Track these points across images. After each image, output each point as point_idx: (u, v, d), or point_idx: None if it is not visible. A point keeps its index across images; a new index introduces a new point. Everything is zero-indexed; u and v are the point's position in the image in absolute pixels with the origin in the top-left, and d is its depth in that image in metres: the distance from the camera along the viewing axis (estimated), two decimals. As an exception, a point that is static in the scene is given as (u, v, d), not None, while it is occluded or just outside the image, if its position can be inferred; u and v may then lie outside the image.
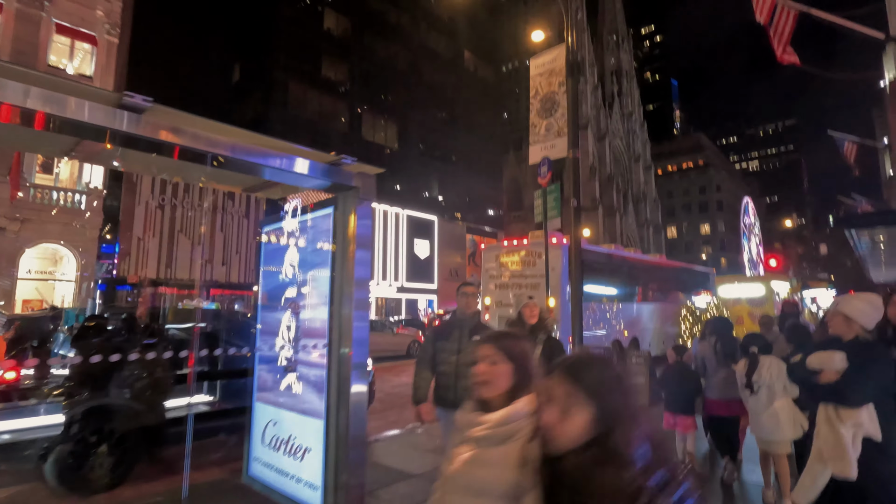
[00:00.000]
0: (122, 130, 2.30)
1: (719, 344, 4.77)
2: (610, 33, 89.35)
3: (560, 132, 8.58)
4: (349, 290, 2.96)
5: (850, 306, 2.85)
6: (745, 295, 12.88)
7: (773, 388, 4.08)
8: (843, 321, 2.85)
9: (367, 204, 3.07)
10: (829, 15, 16.73)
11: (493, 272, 11.54)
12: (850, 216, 10.35)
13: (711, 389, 4.84)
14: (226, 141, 2.49)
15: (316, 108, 30.60)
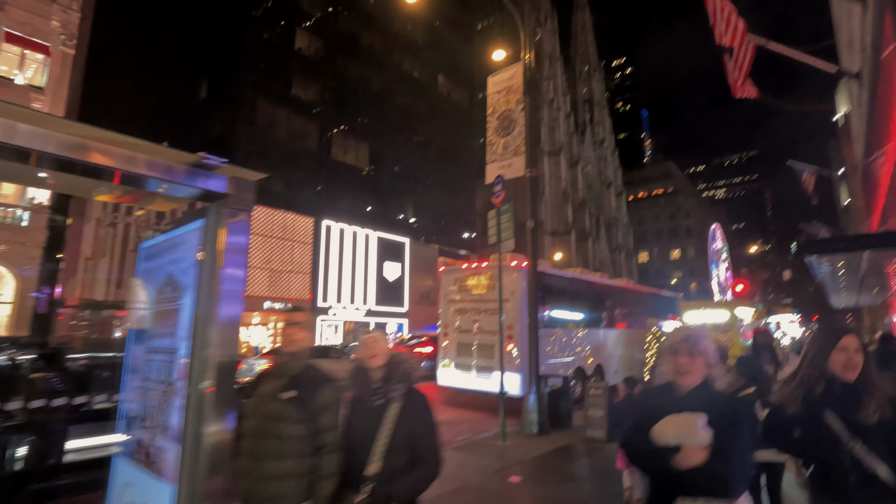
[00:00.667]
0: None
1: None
2: (582, 64, 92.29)
3: (517, 150, 8.26)
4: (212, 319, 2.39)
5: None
6: (710, 321, 12.68)
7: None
8: (687, 360, 1.95)
9: (242, 216, 2.52)
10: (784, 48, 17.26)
11: (452, 296, 11.04)
12: (807, 243, 10.28)
13: None
14: (26, 128, 1.93)
15: (285, 128, 30.05)
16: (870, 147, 21.75)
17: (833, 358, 2.08)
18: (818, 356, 2.13)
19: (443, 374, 10.78)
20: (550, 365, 10.49)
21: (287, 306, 28.20)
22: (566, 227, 68.54)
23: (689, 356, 1.95)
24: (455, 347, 10.65)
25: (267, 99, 29.00)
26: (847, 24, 21.65)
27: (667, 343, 2.12)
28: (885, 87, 15.17)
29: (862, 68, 18.83)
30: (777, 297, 77.28)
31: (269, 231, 27.73)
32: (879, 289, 19.97)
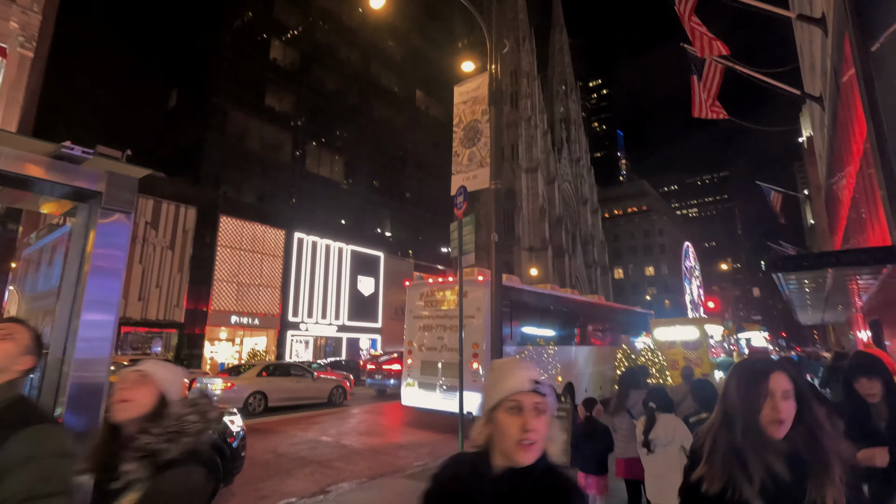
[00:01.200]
0: None
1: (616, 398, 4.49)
2: (559, 84, 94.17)
3: (482, 162, 8.01)
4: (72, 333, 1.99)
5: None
6: (680, 338, 12.58)
7: (669, 450, 3.62)
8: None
9: (118, 217, 2.13)
10: (751, 71, 17.68)
11: (418, 312, 10.65)
12: (774, 260, 10.28)
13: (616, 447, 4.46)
14: None
15: (258, 138, 29.44)
16: (832, 169, 22.38)
17: (760, 408, 1.40)
18: (737, 406, 1.45)
19: (407, 393, 10.32)
20: None
21: (254, 321, 27.32)
22: (543, 243, 69.01)
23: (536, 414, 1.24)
24: (420, 366, 10.23)
25: (239, 109, 28.41)
26: (809, 49, 22.41)
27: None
28: (846, 110, 15.59)
29: (823, 92, 19.40)
30: (747, 313, 79.02)
31: (238, 243, 26.91)
32: (843, 307, 20.38)
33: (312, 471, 6.64)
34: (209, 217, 25.54)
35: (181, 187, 25.00)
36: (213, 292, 25.52)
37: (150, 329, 23.37)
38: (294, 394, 12.52)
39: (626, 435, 4.35)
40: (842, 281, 13.42)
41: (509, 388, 1.24)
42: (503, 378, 1.27)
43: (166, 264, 23.88)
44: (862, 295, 16.61)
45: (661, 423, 3.77)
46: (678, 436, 3.67)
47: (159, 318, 23.44)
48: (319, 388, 13.11)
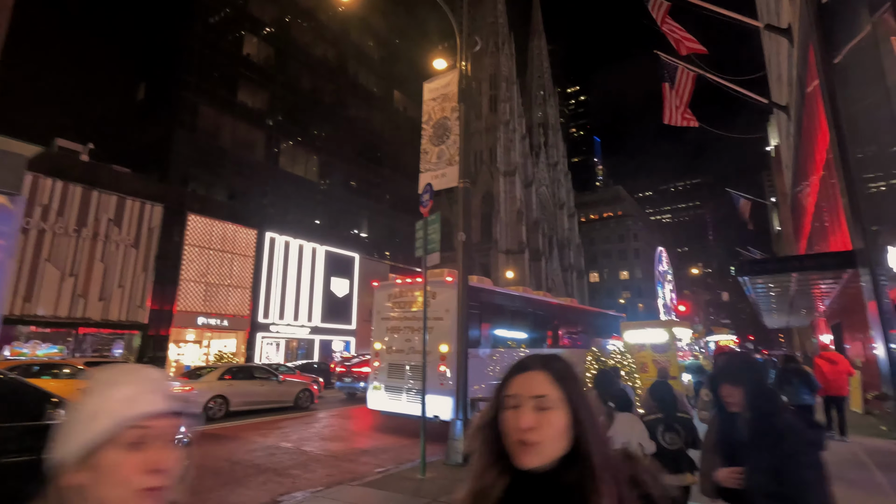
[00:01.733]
0: None
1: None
2: (538, 89, 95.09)
3: (451, 160, 7.84)
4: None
5: None
6: (650, 341, 12.63)
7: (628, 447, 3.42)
8: None
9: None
10: (720, 79, 18.00)
11: (385, 313, 10.39)
12: (740, 264, 10.40)
13: None
14: None
15: (229, 135, 28.69)
16: (797, 177, 22.97)
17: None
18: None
19: (373, 396, 10.04)
20: (488, 387, 10.00)
21: (223, 322, 26.55)
22: (520, 246, 69.36)
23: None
24: (387, 368, 9.97)
25: (210, 104, 27.65)
26: (777, 60, 23.00)
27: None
28: (810, 120, 15.97)
29: (790, 101, 19.88)
30: (717, 317, 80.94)
31: (207, 242, 26.12)
32: (807, 311, 20.93)
33: (266, 479, 6.33)
34: (176, 215, 24.72)
35: (147, 184, 24.15)
36: (180, 292, 24.69)
37: (111, 330, 22.45)
38: (258, 398, 12.09)
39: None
40: (805, 286, 13.72)
41: (128, 412, 0.83)
42: (116, 395, 0.85)
43: (129, 263, 22.98)
44: (824, 300, 17.06)
45: (619, 422, 3.88)
46: (635, 434, 3.76)
47: (121, 318, 22.53)
48: (285, 391, 12.70)
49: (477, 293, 10.14)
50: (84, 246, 21.46)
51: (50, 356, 16.75)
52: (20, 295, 19.51)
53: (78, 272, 21.18)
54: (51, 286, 20.35)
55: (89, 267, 21.56)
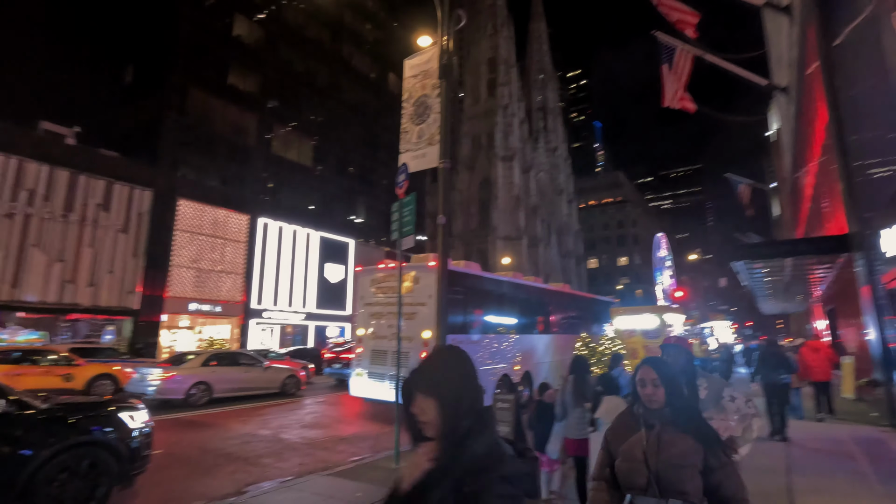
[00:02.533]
0: None
1: (572, 384, 4.77)
2: (537, 72, 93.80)
3: (431, 140, 7.54)
4: None
5: None
6: (640, 327, 12.43)
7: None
8: None
9: None
10: (719, 60, 17.54)
11: (368, 299, 10.17)
12: (733, 248, 10.16)
13: (567, 428, 4.76)
14: None
15: (219, 118, 28.18)
16: (797, 162, 22.59)
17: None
18: None
19: (356, 383, 9.87)
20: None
21: (216, 308, 26.39)
22: (518, 232, 69.00)
23: None
24: (369, 355, 9.77)
25: (200, 87, 27.11)
26: (777, 40, 22.45)
27: None
28: (809, 102, 15.57)
29: (790, 83, 19.44)
30: (716, 304, 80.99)
31: (198, 228, 25.84)
32: (803, 296, 20.75)
33: (236, 469, 6.15)
34: (167, 200, 24.40)
35: (136, 168, 23.77)
36: (171, 278, 24.49)
37: (102, 316, 22.28)
38: (242, 384, 11.93)
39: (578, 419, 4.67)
40: (801, 271, 13.48)
41: None
42: None
43: (119, 248, 22.73)
44: (819, 285, 16.85)
45: (604, 405, 4.18)
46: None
47: (111, 304, 22.36)
48: (270, 377, 12.53)
49: (461, 278, 9.90)
50: (72, 231, 21.18)
51: (31, 342, 16.56)
52: (6, 281, 19.29)
53: (66, 257, 20.93)
54: (38, 272, 20.11)
55: (78, 252, 21.31)
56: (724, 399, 3.06)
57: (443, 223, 7.12)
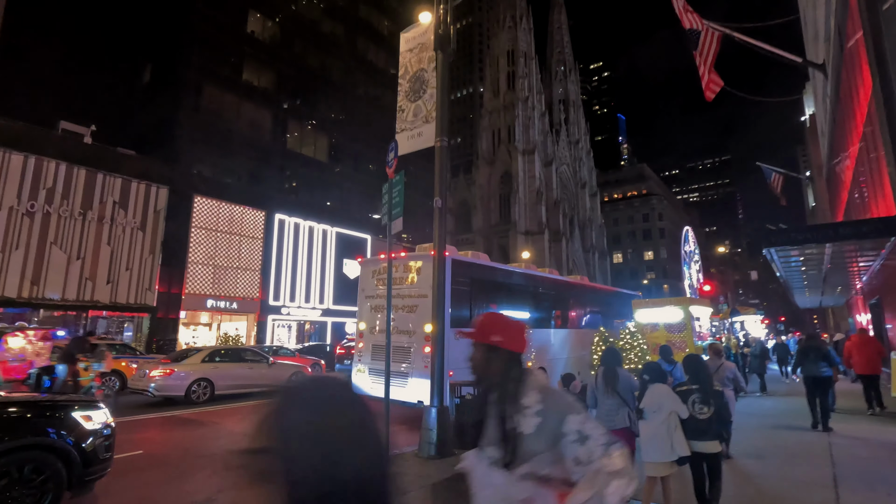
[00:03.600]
0: None
1: (602, 374, 4.74)
2: (558, 64, 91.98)
3: (428, 117, 6.96)
4: None
5: None
6: (663, 320, 11.59)
7: (659, 414, 4.14)
8: None
9: None
10: (750, 39, 16.40)
11: (370, 291, 9.65)
12: (765, 234, 9.25)
13: (599, 419, 4.64)
14: None
15: (234, 115, 28.18)
16: (834, 148, 21.12)
17: None
18: None
19: (357, 380, 9.39)
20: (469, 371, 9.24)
21: (232, 305, 26.43)
22: (540, 226, 67.84)
23: None
24: (370, 350, 9.26)
25: (214, 84, 27.14)
26: (813, 16, 20.97)
27: None
28: (850, 76, 14.34)
29: (826, 59, 18.09)
30: (747, 298, 78.13)
31: (214, 225, 25.89)
32: (843, 288, 19.38)
33: (213, 472, 5.72)
34: (183, 197, 24.50)
35: (152, 165, 23.91)
36: (188, 275, 24.60)
37: (120, 313, 22.50)
38: (245, 381, 11.60)
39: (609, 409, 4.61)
40: (841, 260, 12.40)
41: None
42: None
43: (137, 246, 22.91)
44: (862, 276, 15.61)
45: (652, 391, 4.25)
46: (668, 402, 4.14)
47: (130, 301, 22.56)
48: (276, 374, 12.18)
49: (467, 268, 9.28)
50: (90, 229, 21.40)
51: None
52: (28, 278, 19.58)
53: (85, 255, 21.16)
54: (58, 269, 20.37)
55: (96, 250, 21.52)
56: (568, 437, 1.50)
57: (439, 206, 6.54)
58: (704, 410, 4.09)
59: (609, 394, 4.60)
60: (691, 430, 4.05)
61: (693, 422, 4.07)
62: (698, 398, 4.12)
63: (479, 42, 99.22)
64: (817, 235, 9.61)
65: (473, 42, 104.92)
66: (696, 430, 4.05)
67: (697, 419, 4.08)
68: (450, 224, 77.42)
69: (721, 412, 4.26)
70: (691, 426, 4.06)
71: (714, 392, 4.20)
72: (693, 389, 4.18)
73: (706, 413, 4.08)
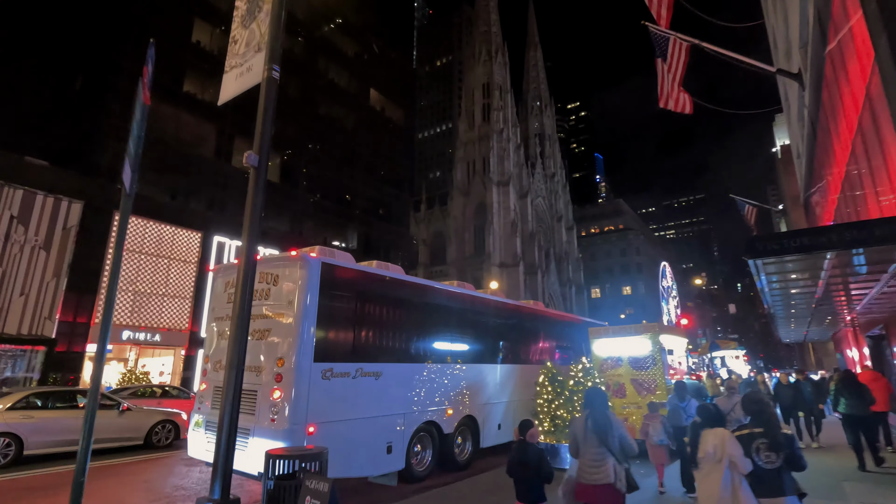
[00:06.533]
0: None
1: (591, 420, 4.12)
2: (534, 100, 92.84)
3: (260, 44, 4.68)
4: None
5: None
6: (627, 353, 9.16)
7: (721, 465, 3.52)
8: None
9: None
10: (720, 50, 14.87)
11: (219, 311, 6.99)
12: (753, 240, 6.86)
13: (580, 470, 4.10)
14: None
15: (173, 128, 25.78)
16: (814, 167, 19.45)
17: None
18: None
19: (192, 439, 6.62)
20: (364, 420, 6.50)
21: (155, 337, 23.17)
22: (514, 259, 65.95)
23: None
24: (212, 394, 6.58)
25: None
26: (783, 30, 19.67)
27: None
28: (835, 72, 12.58)
29: (803, 67, 16.52)
30: (724, 334, 76.66)
31: (139, 246, 22.98)
32: (831, 318, 17.34)
33: None
34: (101, 214, 21.65)
35: (64, 178, 21.12)
36: (101, 302, 21.41)
37: (7, 346, 19.12)
38: (76, 435, 8.70)
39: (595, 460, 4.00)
40: (841, 277, 10.31)
41: None
42: None
43: (37, 268, 19.79)
44: (854, 305, 13.58)
45: (707, 438, 3.70)
46: (727, 451, 3.55)
47: (22, 332, 19.24)
48: (129, 424, 9.27)
49: (348, 278, 6.73)
50: (-25, 247, 18.32)
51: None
52: None
53: (-34, 277, 17.99)
54: (-73, 293, 17.16)
55: (-18, 271, 18.38)
56: None
57: (254, 164, 4.11)
58: (773, 458, 3.49)
59: (595, 443, 4.04)
60: (758, 484, 3.45)
61: (760, 473, 3.49)
62: (764, 444, 3.52)
63: (458, 79, 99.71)
64: (819, 241, 7.41)
65: (453, 79, 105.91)
66: (763, 483, 3.46)
67: (765, 470, 3.50)
68: (424, 256, 75.15)
69: (794, 461, 3.53)
70: (758, 479, 3.47)
71: (784, 436, 3.57)
72: (756, 434, 3.61)
73: (775, 462, 3.49)
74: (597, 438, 3.99)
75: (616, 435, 3.99)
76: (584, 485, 4.00)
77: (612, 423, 4.05)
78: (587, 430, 4.07)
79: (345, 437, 6.12)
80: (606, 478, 3.85)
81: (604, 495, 3.88)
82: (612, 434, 3.98)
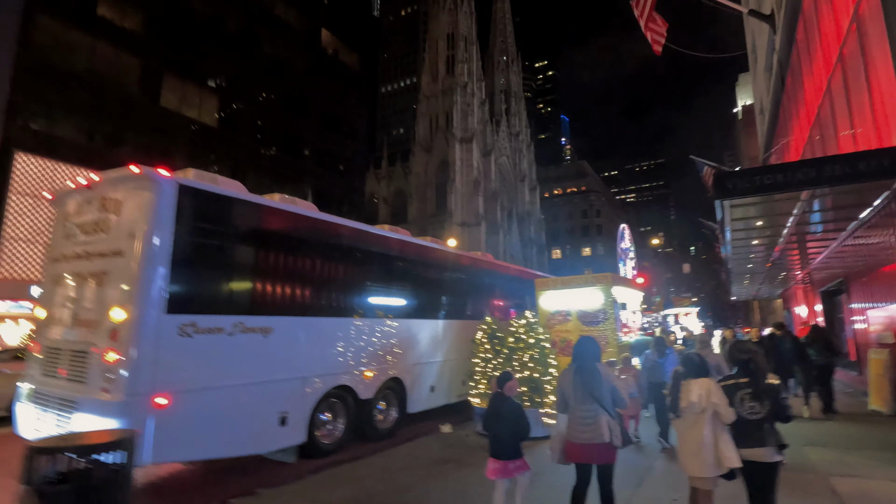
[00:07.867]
0: None
1: (578, 374, 3.86)
2: (501, 54, 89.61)
3: None
4: None
5: None
6: (577, 307, 8.19)
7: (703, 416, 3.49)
8: None
9: None
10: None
11: (56, 250, 5.40)
12: (719, 177, 5.62)
13: (570, 428, 3.87)
14: None
15: (86, 58, 22.53)
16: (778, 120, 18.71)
17: None
18: None
19: (21, 412, 5.17)
20: (222, 392, 5.09)
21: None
22: (476, 217, 64.95)
23: None
24: (43, 356, 5.11)
25: (54, 16, 21.41)
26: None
27: None
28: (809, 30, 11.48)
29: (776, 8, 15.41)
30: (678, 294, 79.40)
31: (45, 191, 20.28)
32: (785, 275, 17.14)
33: None
34: (-3, 153, 18.83)
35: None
36: (3, 255, 18.95)
37: None
38: None
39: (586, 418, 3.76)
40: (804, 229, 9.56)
41: None
42: None
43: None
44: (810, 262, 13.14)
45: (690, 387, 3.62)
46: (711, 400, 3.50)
47: None
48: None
49: (224, 208, 5.25)
50: None
51: None
52: None
53: None
54: None
55: None
56: None
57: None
58: (756, 409, 3.38)
59: (586, 399, 3.74)
60: (740, 435, 3.37)
61: (742, 424, 3.39)
62: (748, 394, 3.41)
63: (423, 31, 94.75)
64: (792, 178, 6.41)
65: (418, 30, 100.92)
66: (745, 434, 3.36)
67: (747, 421, 3.38)
68: (385, 214, 72.89)
69: (778, 411, 3.38)
70: (740, 429, 3.38)
71: (769, 386, 3.44)
72: (741, 384, 3.50)
73: (759, 413, 3.36)
74: (587, 393, 3.75)
75: (607, 389, 3.76)
76: (575, 444, 3.78)
77: (602, 377, 3.82)
78: (575, 385, 3.81)
79: (216, 409, 4.82)
80: (600, 437, 3.62)
81: (598, 454, 3.70)
82: (602, 388, 3.74)
